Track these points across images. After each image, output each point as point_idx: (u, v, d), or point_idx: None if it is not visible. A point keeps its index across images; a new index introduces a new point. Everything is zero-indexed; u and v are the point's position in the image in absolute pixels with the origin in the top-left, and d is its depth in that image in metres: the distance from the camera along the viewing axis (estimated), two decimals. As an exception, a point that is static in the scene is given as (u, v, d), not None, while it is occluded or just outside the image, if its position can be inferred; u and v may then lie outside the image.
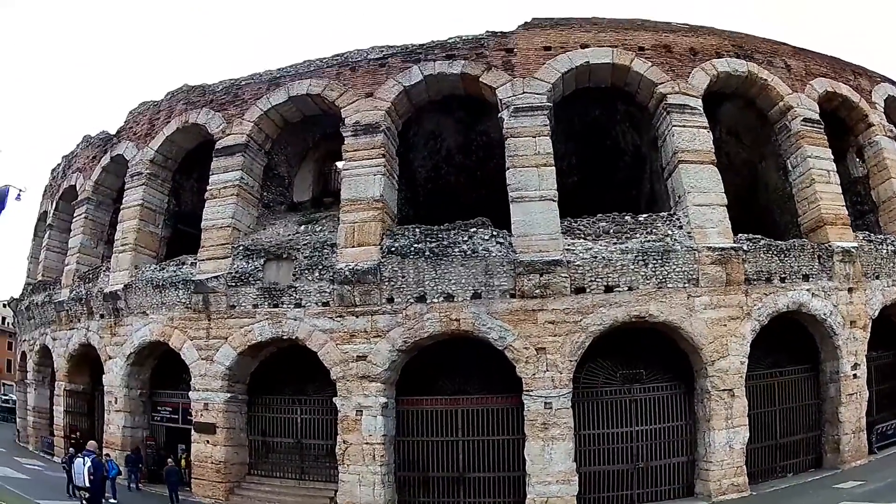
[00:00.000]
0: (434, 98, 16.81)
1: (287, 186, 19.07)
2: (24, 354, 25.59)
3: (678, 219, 14.81)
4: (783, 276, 14.91)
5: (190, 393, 16.15)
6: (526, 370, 13.80)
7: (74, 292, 20.08)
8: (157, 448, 18.05)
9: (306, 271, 15.22)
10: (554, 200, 14.59)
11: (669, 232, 14.63)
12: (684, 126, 15.37)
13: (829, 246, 15.27)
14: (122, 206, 19.17)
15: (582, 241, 14.45)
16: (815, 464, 15.42)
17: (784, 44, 16.59)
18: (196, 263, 16.69)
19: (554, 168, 14.82)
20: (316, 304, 14.97)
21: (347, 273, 14.58)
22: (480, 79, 15.90)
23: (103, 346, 18.70)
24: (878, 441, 15.35)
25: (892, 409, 16.23)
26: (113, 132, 21.48)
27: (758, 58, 16.31)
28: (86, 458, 12.19)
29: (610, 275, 14.15)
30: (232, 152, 17.08)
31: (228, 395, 15.78)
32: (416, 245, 14.54)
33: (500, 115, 15.62)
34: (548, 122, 15.18)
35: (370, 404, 14.18)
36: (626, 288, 14.09)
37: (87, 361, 20.39)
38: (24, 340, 25.22)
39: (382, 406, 14.24)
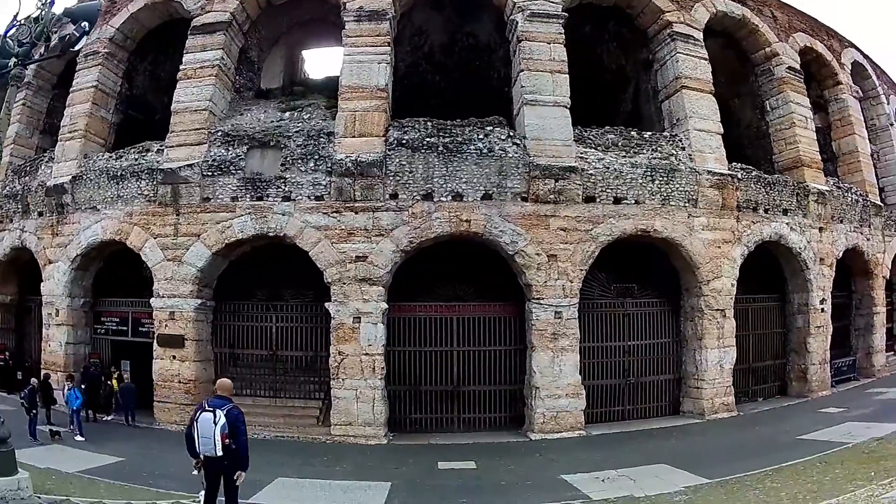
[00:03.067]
0: None
1: (256, 72, 16.06)
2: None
3: (680, 140, 13.41)
4: (767, 207, 14.21)
5: (152, 300, 12.91)
6: (537, 277, 11.89)
7: (8, 188, 15.78)
8: (101, 366, 14.20)
9: (298, 161, 12.33)
10: (567, 107, 12.98)
11: (673, 152, 13.32)
12: (688, 55, 14.17)
13: (807, 186, 14.82)
14: (72, 89, 15.17)
15: (593, 150, 12.83)
16: (780, 391, 15.02)
17: None
18: (163, 150, 13.38)
19: (568, 76, 12.90)
20: (309, 197, 12.17)
21: (349, 164, 11.90)
22: (497, -20, 13.50)
23: (42, 248, 14.76)
24: (834, 375, 15.00)
25: (843, 348, 16.18)
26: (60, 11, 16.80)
27: (749, 4, 15.55)
28: (218, 411, 5.93)
29: (619, 187, 12.61)
30: (213, 30, 13.85)
31: (199, 301, 12.61)
32: (428, 139, 12.21)
33: (511, 17, 13.58)
34: (563, 30, 13.25)
35: (370, 310, 11.81)
36: (633, 201, 12.71)
37: (15, 269, 16.04)
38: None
39: (384, 312, 11.63)
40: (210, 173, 12.77)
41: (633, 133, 13.37)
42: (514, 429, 12.39)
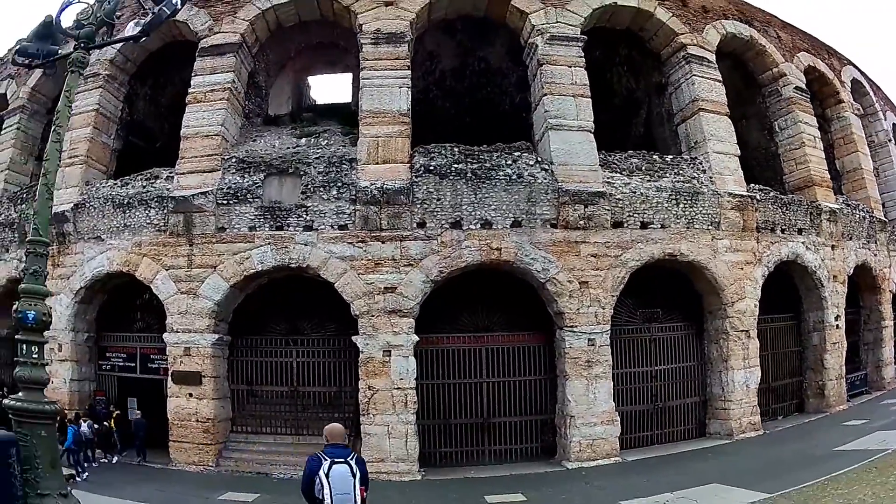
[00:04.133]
0: (450, 16, 14.17)
1: (264, 97, 15.36)
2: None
3: (700, 163, 13.11)
4: (784, 227, 14.06)
5: (165, 335, 12.01)
6: (569, 305, 11.43)
7: (3, 216, 14.55)
8: (107, 404, 13.15)
9: (320, 189, 11.62)
10: (591, 132, 12.62)
11: (695, 175, 13.02)
12: (703, 77, 13.96)
13: (819, 205, 14.79)
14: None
15: (618, 175, 12.44)
16: (798, 408, 14.81)
17: (775, 16, 16.04)
18: (173, 177, 12.47)
19: (590, 100, 12.52)
20: (332, 226, 11.46)
21: (375, 192, 11.26)
22: (512, 1, 12.98)
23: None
24: (848, 390, 14.85)
25: (854, 363, 16.17)
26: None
27: (756, 25, 15.42)
28: (350, 462, 5.01)
29: (646, 211, 12.24)
30: (222, 52, 13.10)
31: (215, 336, 11.84)
32: (455, 165, 11.64)
33: (529, 40, 13.17)
34: (582, 53, 12.82)
35: (401, 343, 11.22)
36: (660, 225, 12.37)
37: (12, 301, 14.66)
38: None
39: (414, 345, 10.97)
40: (225, 201, 11.96)
41: (655, 157, 13.11)
42: (546, 459, 11.90)
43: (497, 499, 9.57)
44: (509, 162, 11.84)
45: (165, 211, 12.25)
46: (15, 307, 5.93)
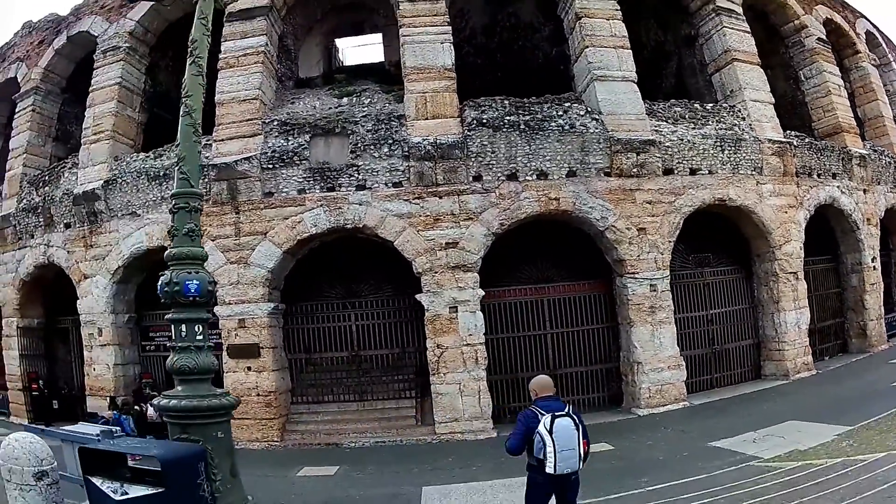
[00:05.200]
0: None
1: (294, 60, 14.96)
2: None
3: (739, 111, 13.16)
4: (819, 172, 14.24)
5: (216, 308, 11.49)
6: (629, 251, 11.32)
7: (25, 201, 13.83)
8: (153, 386, 12.56)
9: (370, 147, 11.27)
10: (635, 82, 12.59)
11: (736, 122, 13.11)
12: (733, 28, 14.05)
13: (849, 150, 15.06)
14: (91, 88, 13.55)
15: (664, 123, 12.39)
16: (841, 349, 15.02)
17: None
18: (212, 145, 11.89)
19: (631, 52, 12.38)
20: (386, 184, 11.13)
21: (429, 147, 11.00)
22: (548, -43, 12.83)
23: (74, 262, 13.09)
24: (887, 330, 14.94)
25: (888, 305, 16.21)
26: (65, 13, 15.15)
27: (776, -22, 15.11)
28: (572, 414, 4.76)
29: (693, 158, 12.25)
30: (252, 15, 12.61)
31: (271, 305, 11.43)
32: (508, 117, 11.44)
33: (567, -5, 12.72)
34: (619, 7, 12.64)
35: (467, 298, 10.95)
36: (708, 171, 12.40)
37: (41, 288, 14.12)
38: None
39: (481, 298, 10.70)
40: (270, 165, 11.53)
41: (696, 105, 13.12)
42: (612, 407, 11.83)
43: (587, 449, 9.45)
44: (560, 113, 11.69)
45: (207, 179, 11.74)
46: (166, 278, 4.76)
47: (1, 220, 14.42)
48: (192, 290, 4.68)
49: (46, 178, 13.98)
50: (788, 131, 13.83)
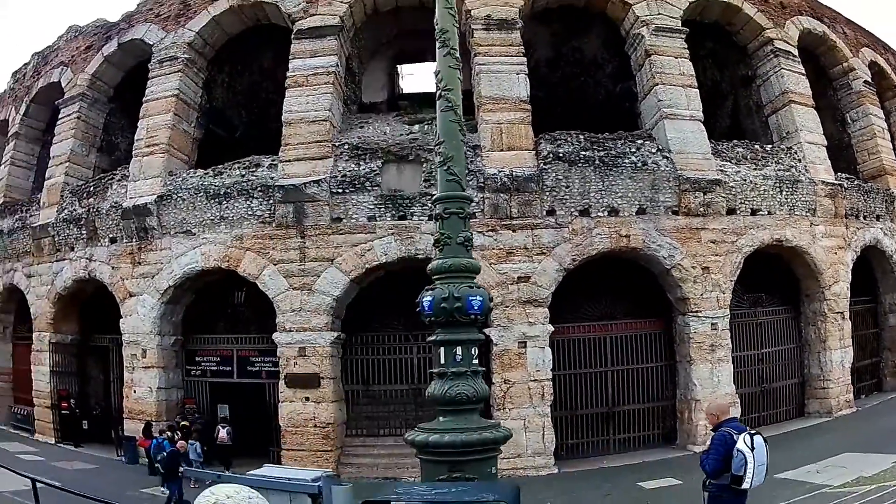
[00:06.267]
0: (551, 5, 13.99)
1: (358, 84, 14.70)
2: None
3: (795, 153, 13.47)
4: (865, 214, 14.81)
5: (276, 335, 11.33)
6: (693, 290, 11.56)
7: (66, 211, 13.39)
8: (196, 413, 12.23)
9: (445, 178, 10.99)
10: (702, 121, 12.64)
11: (793, 164, 13.48)
12: (790, 70, 14.49)
13: (892, 192, 15.59)
14: (146, 98, 13.17)
15: (728, 163, 12.53)
16: (876, 388, 15.40)
17: (840, 13, 16.50)
18: (277, 165, 11.63)
19: (697, 90, 12.53)
20: (459, 216, 10.84)
21: (504, 179, 11.01)
22: (616, -8, 12.98)
23: (119, 279, 12.67)
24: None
25: None
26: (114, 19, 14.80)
27: (825, 21, 16.02)
28: (755, 434, 5.19)
29: (754, 199, 12.59)
30: (322, 34, 12.50)
31: (334, 334, 11.30)
32: (583, 152, 11.58)
33: (633, 31, 13.22)
34: (686, 45, 12.86)
35: (537, 333, 10.98)
36: (767, 212, 12.74)
37: (77, 303, 13.64)
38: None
39: (550, 334, 10.68)
40: (340, 190, 11.38)
41: (757, 146, 13.44)
42: (666, 445, 11.96)
43: (652, 484, 9.53)
44: (633, 150, 11.81)
45: (272, 201, 11.54)
46: (443, 293, 4.20)
47: (38, 230, 13.89)
48: (476, 308, 4.23)
49: (91, 188, 13.51)
50: (838, 173, 14.24)
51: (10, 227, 14.98)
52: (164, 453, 9.40)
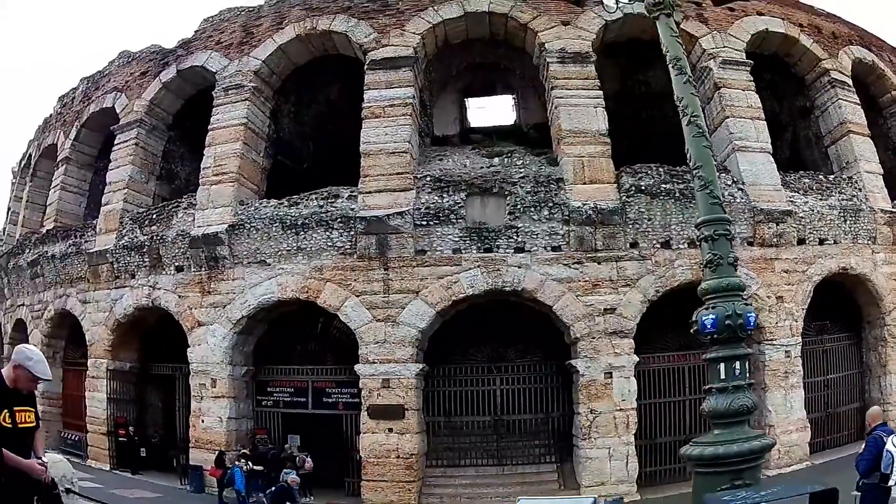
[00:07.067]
0: (619, 39, 14.06)
1: (429, 116, 14.72)
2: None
3: (856, 182, 13.88)
4: None
5: (358, 367, 11.36)
6: (769, 318, 11.92)
7: (126, 238, 13.21)
8: (267, 443, 12.14)
9: (530, 209, 11.39)
10: (770, 153, 12.91)
11: (855, 193, 13.97)
12: (847, 101, 14.96)
13: None
14: (211, 126, 13.11)
15: (797, 194, 12.84)
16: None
17: (886, 42, 16.89)
18: (356, 197, 11.63)
19: (765, 123, 12.85)
20: (545, 248, 11.26)
21: (589, 212, 11.16)
22: (681, 25, 13.15)
23: (187, 308, 12.52)
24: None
25: None
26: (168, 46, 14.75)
27: (874, 50, 16.38)
28: None
29: (822, 228, 12.90)
30: (397, 65, 12.54)
31: (419, 366, 11.33)
32: (663, 185, 11.71)
33: (701, 64, 13.36)
34: (752, 78, 13.16)
35: (623, 364, 11.14)
36: (833, 241, 13.07)
37: (137, 331, 13.47)
38: (21, 305, 16.22)
39: (635, 365, 10.82)
40: (424, 222, 11.43)
41: (821, 177, 13.80)
42: (741, 473, 12.05)
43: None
44: (711, 181, 12.02)
45: (353, 233, 11.54)
46: (725, 311, 4.65)
47: (96, 256, 13.68)
48: (751, 324, 4.85)
49: (154, 216, 13.35)
50: (894, 201, 14.65)
51: (62, 252, 14.70)
52: (272, 489, 9.55)
